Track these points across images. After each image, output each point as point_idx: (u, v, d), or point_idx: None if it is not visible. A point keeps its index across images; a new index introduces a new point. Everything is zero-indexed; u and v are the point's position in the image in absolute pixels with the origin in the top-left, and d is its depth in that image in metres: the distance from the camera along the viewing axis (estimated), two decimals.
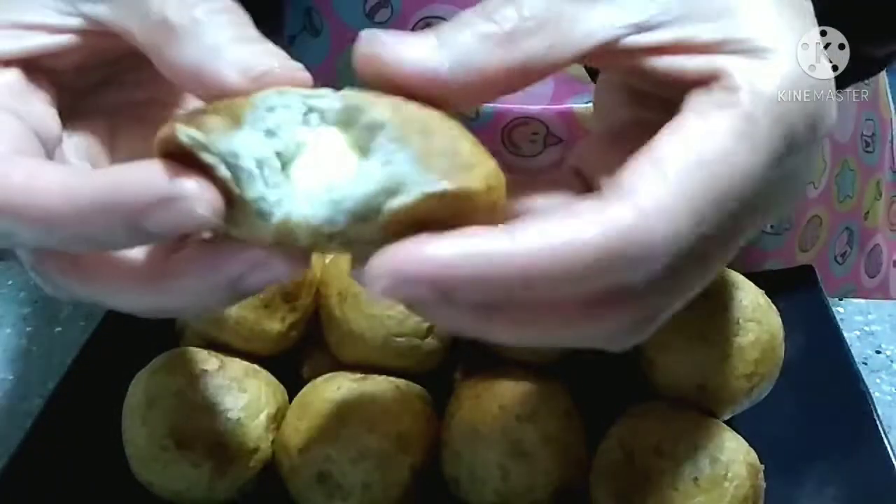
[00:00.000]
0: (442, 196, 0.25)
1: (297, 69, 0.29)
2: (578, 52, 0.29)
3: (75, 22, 0.30)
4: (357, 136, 0.26)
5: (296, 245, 0.26)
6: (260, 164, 0.26)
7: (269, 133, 0.26)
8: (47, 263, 0.29)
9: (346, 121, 0.26)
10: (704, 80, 0.28)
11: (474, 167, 0.26)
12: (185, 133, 0.25)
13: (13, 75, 0.31)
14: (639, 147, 0.27)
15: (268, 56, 0.28)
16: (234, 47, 0.28)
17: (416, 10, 0.55)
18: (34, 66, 0.31)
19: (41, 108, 0.31)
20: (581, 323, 0.27)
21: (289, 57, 0.29)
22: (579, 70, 0.55)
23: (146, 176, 0.25)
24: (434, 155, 0.25)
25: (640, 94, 0.33)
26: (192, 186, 0.25)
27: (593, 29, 0.28)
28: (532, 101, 0.55)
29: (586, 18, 0.28)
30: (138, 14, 0.29)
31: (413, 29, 0.55)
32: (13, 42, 0.31)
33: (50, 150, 0.30)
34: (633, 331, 0.29)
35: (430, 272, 0.24)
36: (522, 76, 0.28)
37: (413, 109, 0.26)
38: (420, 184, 0.25)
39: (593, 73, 0.41)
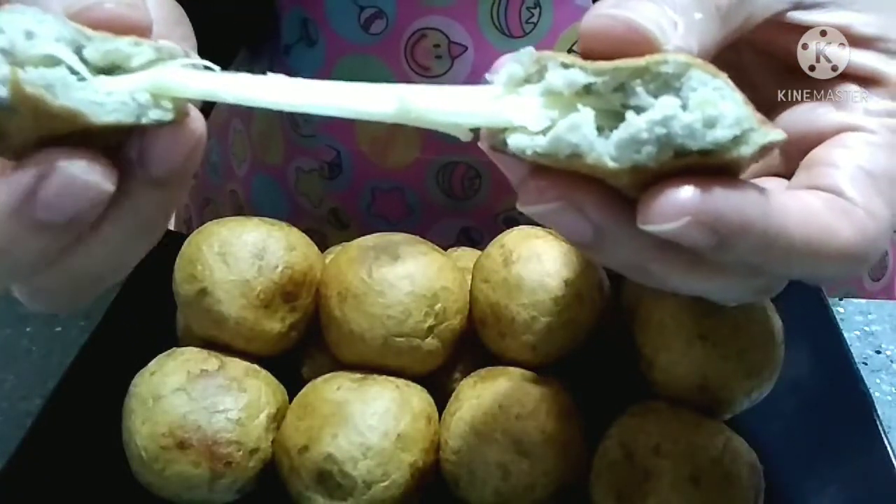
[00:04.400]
0: (766, 147, 0.25)
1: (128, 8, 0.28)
2: (756, 23, 0.29)
3: None
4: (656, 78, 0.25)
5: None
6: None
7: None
8: None
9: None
10: (863, 79, 0.30)
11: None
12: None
13: None
14: None
15: None
16: None
17: (411, 21, 0.55)
18: None
19: None
20: (751, 283, 0.29)
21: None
22: None
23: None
24: (748, 102, 0.25)
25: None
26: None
27: (770, 1, 0.29)
28: None
29: None
30: None
31: (408, 41, 0.55)
32: None
33: None
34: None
35: (718, 216, 0.25)
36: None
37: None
38: (758, 133, 0.25)
39: None
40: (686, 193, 0.25)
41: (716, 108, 0.24)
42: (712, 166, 0.25)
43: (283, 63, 0.59)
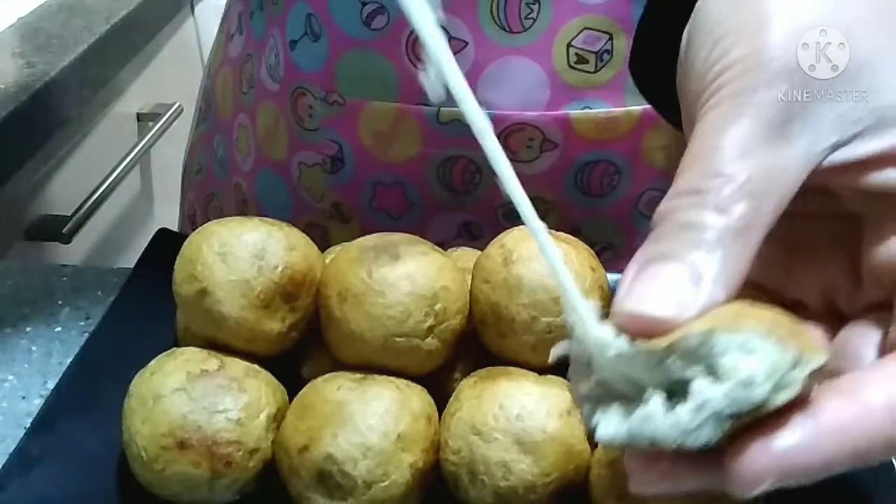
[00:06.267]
0: (815, 372, 0.27)
1: None
2: (793, 192, 0.30)
3: None
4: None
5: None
6: None
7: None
8: None
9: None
10: None
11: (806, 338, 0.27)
12: None
13: None
14: (817, 255, 0.33)
15: None
16: None
17: None
18: None
19: None
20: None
21: None
22: (575, 76, 0.55)
23: None
24: (783, 316, 0.27)
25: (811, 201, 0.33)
26: None
27: (799, 166, 0.29)
28: (528, 107, 0.56)
29: (791, 157, 0.29)
30: None
31: (409, 37, 0.55)
32: None
33: None
34: None
35: (784, 468, 0.27)
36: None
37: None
38: (799, 368, 0.26)
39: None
40: (758, 465, 0.26)
41: (746, 368, 0.26)
42: (769, 412, 0.26)
43: (288, 58, 0.60)
